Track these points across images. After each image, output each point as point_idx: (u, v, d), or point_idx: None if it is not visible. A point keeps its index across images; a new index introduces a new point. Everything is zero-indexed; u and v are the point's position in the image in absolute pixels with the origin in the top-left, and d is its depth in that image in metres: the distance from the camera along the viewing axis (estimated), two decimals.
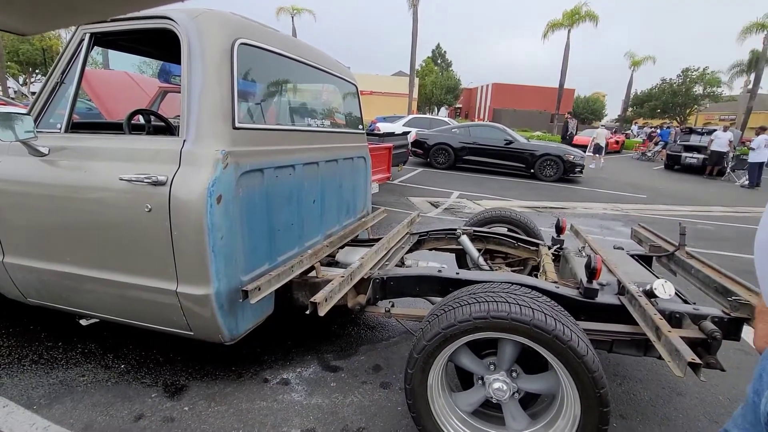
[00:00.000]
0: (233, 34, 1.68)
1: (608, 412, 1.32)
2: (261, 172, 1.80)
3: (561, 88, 28.55)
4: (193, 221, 1.53)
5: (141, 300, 1.72)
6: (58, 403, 1.73)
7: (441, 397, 1.56)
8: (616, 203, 7.69)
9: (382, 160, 5.94)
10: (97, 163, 1.72)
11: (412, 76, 26.64)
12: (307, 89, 2.90)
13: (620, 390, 2.05)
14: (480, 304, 1.40)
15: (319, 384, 1.96)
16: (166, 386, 1.88)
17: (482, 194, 7.67)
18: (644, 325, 1.51)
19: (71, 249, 1.79)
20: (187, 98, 1.60)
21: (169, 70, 5.45)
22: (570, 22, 26.89)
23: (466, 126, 11.49)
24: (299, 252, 2.13)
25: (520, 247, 2.59)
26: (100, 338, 2.23)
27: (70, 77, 1.85)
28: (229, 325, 1.68)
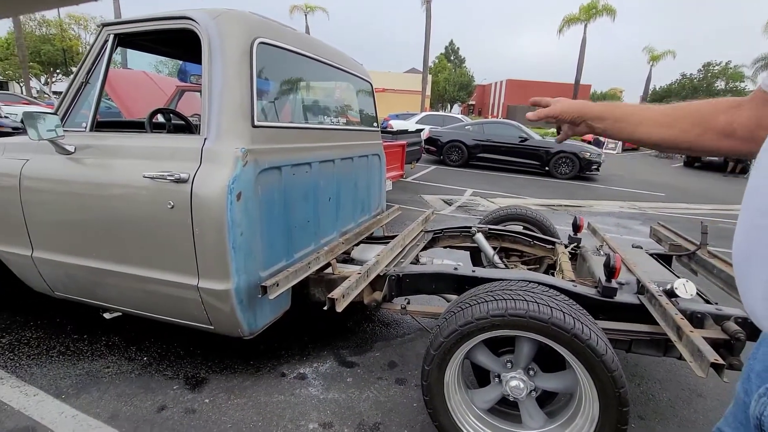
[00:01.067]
0: (253, 33, 1.70)
1: (627, 411, 1.31)
2: (279, 169, 1.82)
3: (577, 84, 28.08)
4: (214, 218, 1.57)
5: (163, 294, 1.77)
6: (85, 393, 1.79)
7: (457, 394, 1.57)
8: (633, 201, 7.54)
9: (395, 158, 5.94)
10: (121, 161, 1.77)
11: (425, 73, 26.53)
12: (323, 87, 2.92)
13: (639, 390, 2.02)
14: (497, 301, 1.40)
15: (336, 379, 1.99)
16: (187, 379, 1.93)
17: (496, 192, 7.61)
18: (665, 324, 1.49)
19: (96, 244, 1.85)
20: (207, 97, 1.63)
21: (187, 70, 5.55)
22: (587, 17, 26.39)
23: (479, 123, 11.40)
24: (315, 249, 2.15)
25: (536, 245, 2.57)
26: (123, 331, 2.30)
27: (94, 77, 1.90)
28: (248, 320, 1.72)
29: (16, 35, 21.68)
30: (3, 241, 2.10)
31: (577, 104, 0.87)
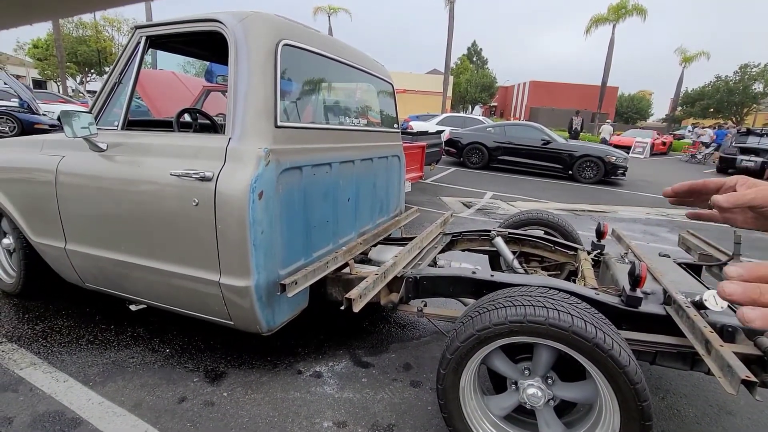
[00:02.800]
0: (278, 35, 1.73)
1: (650, 426, 1.26)
2: (299, 169, 1.85)
3: (603, 86, 27.33)
4: (237, 215, 1.60)
5: (186, 289, 1.82)
6: (111, 381, 1.86)
7: (473, 400, 1.55)
8: (661, 208, 7.28)
9: (414, 159, 5.92)
10: (150, 159, 1.83)
11: (446, 74, 26.39)
12: (344, 88, 2.95)
13: (663, 405, 1.95)
14: (516, 307, 1.38)
15: (351, 379, 2.00)
16: (207, 372, 1.97)
17: (517, 195, 7.49)
18: (692, 337, 1.43)
19: (125, 238, 1.92)
20: (233, 98, 1.67)
21: (213, 71, 5.69)
22: (616, 17, 25.67)
23: (501, 125, 11.23)
24: (333, 249, 2.17)
25: (557, 250, 2.52)
26: (147, 323, 2.38)
27: (126, 77, 1.97)
28: (267, 317, 1.75)
29: (55, 36, 22.73)
30: (40, 234, 2.20)
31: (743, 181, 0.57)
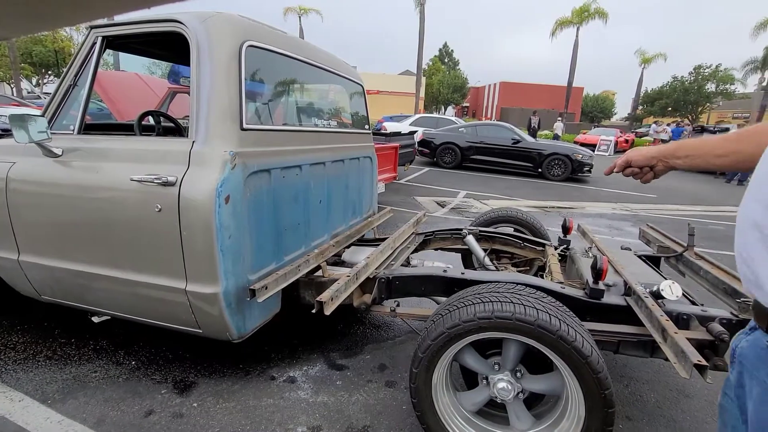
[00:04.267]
0: (241, 36, 1.70)
1: (613, 413, 1.32)
2: (268, 172, 1.82)
3: (569, 86, 28.31)
4: (202, 221, 1.56)
5: (151, 298, 1.76)
6: (71, 398, 1.77)
7: (445, 396, 1.57)
8: (625, 203, 7.61)
9: (388, 160, 5.95)
10: (109, 164, 1.76)
11: (419, 75, 26.63)
12: (313, 90, 2.92)
13: (627, 391, 2.04)
14: (484, 304, 1.41)
15: (325, 382, 1.98)
16: (176, 383, 1.91)
17: (489, 194, 7.65)
18: (650, 326, 1.51)
19: (84, 248, 1.83)
20: (196, 100, 1.62)
21: (179, 72, 5.52)
22: (579, 20, 26.64)
23: (473, 125, 11.44)
24: (306, 251, 2.15)
25: (526, 247, 2.59)
26: (112, 335, 2.28)
27: (82, 79, 1.89)
28: (237, 324, 1.71)
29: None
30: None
31: (652, 149, 1.02)
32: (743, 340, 0.71)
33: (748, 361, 0.67)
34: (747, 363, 0.68)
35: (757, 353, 0.65)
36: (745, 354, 0.68)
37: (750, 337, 0.69)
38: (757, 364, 0.65)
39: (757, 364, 0.65)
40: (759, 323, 0.66)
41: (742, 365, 0.69)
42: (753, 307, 0.67)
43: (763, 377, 0.63)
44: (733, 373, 0.73)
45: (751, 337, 0.68)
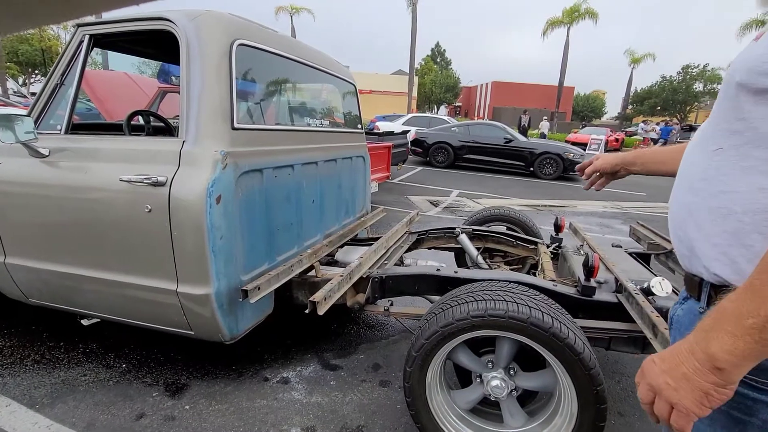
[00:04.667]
0: (232, 35, 1.69)
1: (605, 409, 1.33)
2: (260, 172, 1.81)
3: (560, 86, 28.53)
4: (193, 221, 1.55)
5: (141, 300, 1.73)
6: (60, 402, 1.74)
7: (439, 395, 1.57)
8: (615, 201, 7.69)
9: (381, 159, 5.95)
10: (98, 164, 1.73)
11: (411, 74, 26.64)
12: (305, 89, 2.91)
13: (618, 387, 2.06)
14: (478, 302, 1.41)
15: (319, 382, 1.97)
16: (167, 385, 1.89)
17: (482, 193, 7.68)
18: (641, 322, 1.52)
19: (72, 249, 1.80)
20: (186, 99, 1.60)
21: (169, 71, 5.47)
22: (570, 20, 26.83)
23: (465, 124, 11.48)
24: (298, 251, 2.14)
25: (518, 245, 2.61)
26: (101, 338, 2.25)
27: (69, 79, 1.85)
28: (229, 325, 1.70)
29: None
30: None
31: (615, 156, 1.17)
32: (678, 309, 0.81)
33: (683, 326, 0.77)
34: (682, 327, 0.77)
35: (691, 319, 0.74)
36: (681, 320, 0.78)
37: (684, 306, 0.78)
38: (689, 327, 0.73)
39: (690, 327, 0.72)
40: (691, 293, 0.75)
41: (678, 330, 0.79)
42: (686, 280, 0.77)
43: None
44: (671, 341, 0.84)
45: (685, 306, 0.78)
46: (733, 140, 0.63)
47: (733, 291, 0.57)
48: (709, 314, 0.58)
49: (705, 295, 0.70)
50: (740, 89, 0.60)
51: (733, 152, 0.63)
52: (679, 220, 0.74)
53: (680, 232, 0.74)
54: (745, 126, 0.61)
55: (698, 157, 0.71)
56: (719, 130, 0.66)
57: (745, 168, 0.61)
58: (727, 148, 0.64)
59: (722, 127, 0.65)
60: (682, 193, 0.74)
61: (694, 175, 0.71)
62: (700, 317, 0.70)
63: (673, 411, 0.59)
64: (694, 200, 0.69)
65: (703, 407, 0.56)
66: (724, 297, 0.59)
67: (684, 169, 0.76)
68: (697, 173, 0.70)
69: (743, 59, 0.62)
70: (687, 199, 0.72)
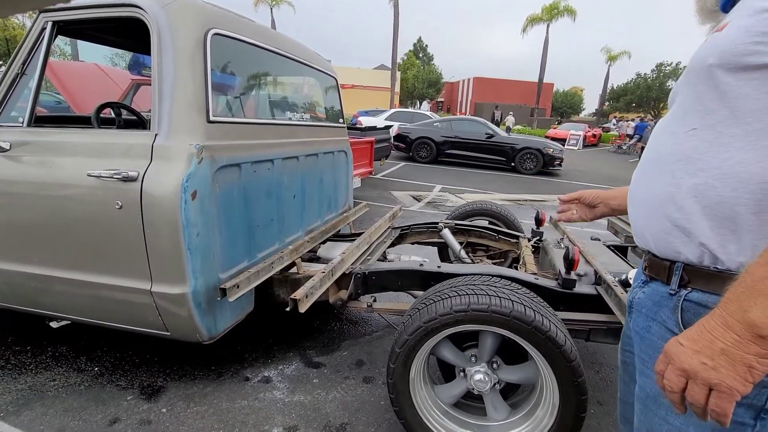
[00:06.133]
0: (206, 23, 1.62)
1: (586, 399, 1.35)
2: (238, 166, 1.75)
3: (540, 82, 28.98)
4: (167, 218, 1.48)
5: (114, 300, 1.66)
6: (27, 410, 1.66)
7: (423, 390, 1.57)
8: None
9: (364, 154, 5.91)
10: (64, 159, 1.64)
11: (393, 69, 26.54)
12: (285, 82, 2.85)
13: (598, 377, 2.10)
14: (461, 297, 1.41)
15: (302, 381, 1.94)
16: (143, 388, 1.83)
17: (464, 187, 7.73)
18: (619, 313, 1.55)
19: (38, 249, 1.71)
20: (158, 91, 1.53)
21: (142, 62, 5.27)
22: (549, 17, 27.22)
23: (447, 120, 11.52)
24: (279, 248, 2.10)
25: (500, 239, 2.62)
26: (72, 341, 2.15)
27: (31, 68, 1.75)
28: (208, 324, 1.64)
29: None
30: None
31: (595, 192, 1.20)
32: (638, 292, 0.83)
33: (646, 308, 0.78)
34: (645, 310, 0.79)
35: (656, 300, 0.76)
36: (643, 303, 0.80)
37: (646, 289, 0.80)
38: (655, 309, 0.76)
39: (655, 309, 0.76)
40: (656, 276, 0.77)
41: (640, 312, 0.80)
42: (650, 264, 0.79)
43: (663, 318, 0.74)
44: (630, 323, 0.85)
45: (647, 289, 0.80)
46: (708, 120, 0.66)
47: (760, 257, 0.55)
48: (736, 285, 0.56)
49: (676, 277, 0.71)
50: (715, 70, 0.64)
51: (708, 131, 0.65)
52: (651, 205, 0.75)
53: (653, 216, 0.74)
54: (720, 105, 0.64)
55: (668, 139, 0.73)
56: (691, 112, 0.69)
57: (723, 144, 0.63)
58: (702, 128, 0.66)
59: (696, 108, 0.68)
60: (655, 177, 0.75)
61: (666, 157, 0.72)
62: (671, 299, 0.72)
63: (711, 393, 0.55)
64: (672, 181, 0.70)
65: (746, 383, 0.53)
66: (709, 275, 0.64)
67: (653, 156, 0.77)
68: (670, 155, 0.71)
69: (714, 45, 0.65)
70: (662, 182, 0.72)
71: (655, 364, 0.65)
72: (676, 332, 0.69)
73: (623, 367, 0.94)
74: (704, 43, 0.70)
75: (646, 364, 0.77)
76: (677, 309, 0.70)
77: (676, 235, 0.70)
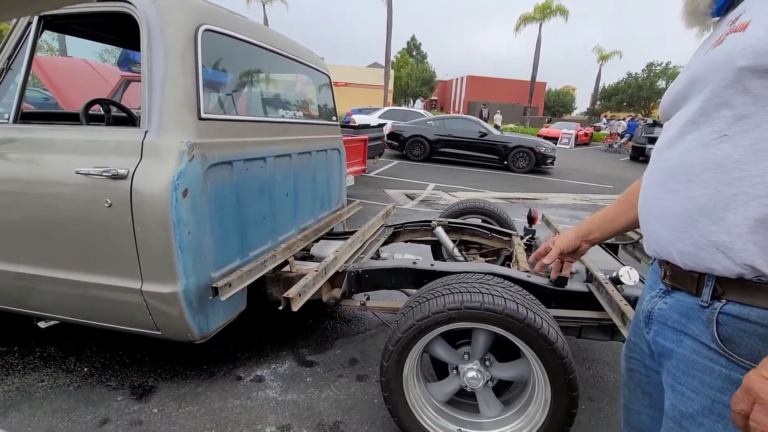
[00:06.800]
0: (197, 19, 1.60)
1: (577, 396, 1.36)
2: (230, 164, 1.74)
3: (533, 81, 29.14)
4: (158, 216, 1.47)
5: (103, 300, 1.64)
6: (14, 411, 1.63)
7: (416, 388, 1.57)
8: (584, 193, 7.95)
9: (357, 153, 5.90)
10: (51, 156, 1.61)
11: (387, 67, 26.49)
12: (278, 79, 2.82)
13: (589, 373, 2.13)
14: (454, 294, 1.41)
15: (295, 379, 1.94)
16: (133, 388, 1.81)
17: (457, 186, 7.76)
18: (610, 311, 1.57)
19: (25, 248, 1.68)
20: (148, 87, 1.51)
21: (132, 58, 5.20)
22: (542, 16, 27.34)
23: (441, 118, 11.54)
24: (272, 246, 2.08)
25: (493, 237, 2.63)
26: (61, 341, 2.12)
27: (17, 64, 1.72)
28: (199, 324, 1.63)
29: None
30: None
31: (569, 233, 1.10)
32: (659, 302, 0.77)
33: (672, 320, 0.73)
34: (671, 322, 0.74)
35: (683, 312, 0.71)
36: (666, 314, 0.75)
37: (669, 300, 0.75)
38: (683, 321, 0.71)
39: (684, 322, 0.71)
40: (683, 286, 0.72)
41: (664, 325, 0.75)
42: (674, 275, 0.73)
43: (696, 332, 0.68)
44: (649, 334, 0.79)
45: (670, 300, 0.75)
46: (741, 125, 0.62)
47: None
48: None
49: (708, 288, 0.66)
50: (746, 73, 0.60)
51: (743, 137, 0.61)
52: (679, 218, 0.69)
53: (682, 230, 0.69)
54: (756, 109, 0.60)
55: (691, 146, 0.68)
56: (718, 117, 0.64)
57: (758, 151, 0.60)
58: (734, 134, 0.62)
59: (723, 113, 0.64)
60: (679, 187, 0.69)
61: (693, 166, 0.67)
62: (702, 312, 0.67)
63: None
64: (703, 192, 0.65)
65: None
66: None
67: (672, 164, 0.71)
68: (697, 164, 0.66)
69: (742, 47, 0.61)
70: (692, 192, 0.67)
71: (731, 401, 0.59)
72: (714, 347, 0.65)
73: (628, 374, 0.91)
74: (722, 44, 0.65)
75: (680, 381, 0.71)
76: (712, 323, 0.66)
77: (711, 251, 0.65)
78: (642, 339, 0.84)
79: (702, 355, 0.66)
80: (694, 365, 0.68)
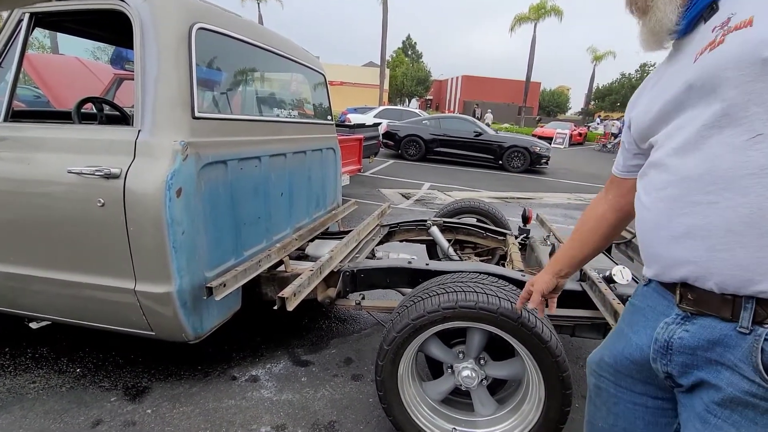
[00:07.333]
0: (191, 17, 1.59)
1: (570, 394, 1.37)
2: (224, 163, 1.73)
3: (528, 81, 29.29)
4: (151, 216, 1.46)
5: (96, 300, 1.63)
6: (5, 413, 1.62)
7: (411, 387, 1.57)
8: (578, 193, 8.00)
9: (352, 152, 5.89)
10: (43, 155, 1.60)
11: (382, 67, 26.48)
12: (272, 78, 2.81)
13: (582, 372, 2.14)
14: (449, 294, 1.42)
15: (290, 379, 1.93)
16: (127, 389, 1.79)
17: (452, 185, 7.77)
18: (603, 309, 1.58)
19: (16, 248, 1.66)
20: (141, 86, 1.50)
21: (125, 56, 5.16)
22: (536, 16, 27.49)
23: (436, 118, 11.56)
24: (267, 246, 2.08)
25: (488, 237, 2.65)
26: (53, 341, 2.10)
27: (8, 62, 1.69)
28: (193, 324, 1.62)
29: None
30: None
31: (545, 274, 1.09)
32: (678, 331, 0.69)
33: (702, 349, 0.66)
34: (700, 351, 0.66)
35: (714, 340, 0.64)
36: (691, 344, 0.67)
37: (692, 327, 0.67)
38: (718, 350, 0.64)
39: (720, 351, 0.63)
40: (712, 311, 0.65)
41: (692, 356, 0.67)
42: (699, 299, 0.66)
43: (733, 362, 0.62)
44: (668, 365, 0.71)
45: (693, 327, 0.67)
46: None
47: None
48: None
49: (748, 313, 0.60)
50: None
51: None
52: (721, 233, 0.61)
53: (722, 246, 0.61)
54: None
55: (721, 152, 0.60)
56: (749, 116, 0.58)
57: None
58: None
59: (754, 111, 0.57)
60: (712, 198, 0.61)
61: (726, 172, 0.60)
62: (742, 339, 0.60)
63: None
64: (744, 201, 0.58)
65: None
66: None
67: (697, 172, 0.63)
68: (731, 169, 0.59)
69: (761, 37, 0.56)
70: (730, 202, 0.59)
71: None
72: (757, 381, 0.59)
73: (596, 391, 0.89)
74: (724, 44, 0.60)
75: (715, 413, 0.64)
76: (756, 351, 0.59)
77: (761, 269, 0.58)
78: (629, 364, 0.79)
79: (742, 390, 0.60)
80: (734, 400, 0.61)
